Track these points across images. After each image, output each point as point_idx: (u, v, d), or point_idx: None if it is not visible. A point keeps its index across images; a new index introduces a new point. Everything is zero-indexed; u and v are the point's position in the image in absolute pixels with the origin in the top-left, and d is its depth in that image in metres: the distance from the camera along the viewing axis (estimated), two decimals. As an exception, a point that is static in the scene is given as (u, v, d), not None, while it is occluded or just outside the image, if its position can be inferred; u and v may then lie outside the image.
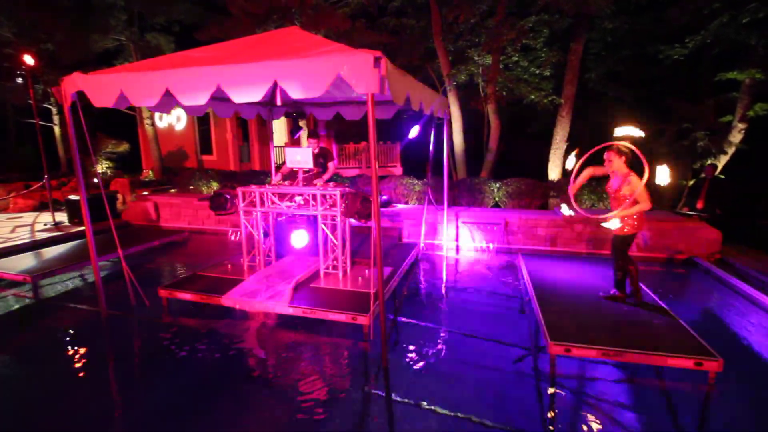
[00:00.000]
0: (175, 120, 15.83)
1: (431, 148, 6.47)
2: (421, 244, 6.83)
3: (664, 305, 3.98)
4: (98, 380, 3.36)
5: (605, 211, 6.65)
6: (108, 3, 13.40)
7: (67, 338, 4.03)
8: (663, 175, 4.06)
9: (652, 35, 10.81)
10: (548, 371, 3.31)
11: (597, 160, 4.07)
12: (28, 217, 9.59)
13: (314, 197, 4.50)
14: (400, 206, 8.13)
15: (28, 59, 8.42)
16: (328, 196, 4.49)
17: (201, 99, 3.29)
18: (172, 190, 11.80)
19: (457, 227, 7.10)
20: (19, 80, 14.82)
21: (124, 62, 14.15)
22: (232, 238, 7.73)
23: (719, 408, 3.00)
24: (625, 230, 3.88)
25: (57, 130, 16.71)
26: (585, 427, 2.76)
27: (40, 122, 9.87)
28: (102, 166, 14.87)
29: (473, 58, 11.17)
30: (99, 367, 3.54)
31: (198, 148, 15.83)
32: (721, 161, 9.59)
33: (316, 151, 5.33)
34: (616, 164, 3.79)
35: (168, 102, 4.74)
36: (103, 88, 3.60)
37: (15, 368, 3.58)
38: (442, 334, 4.07)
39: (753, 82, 9.07)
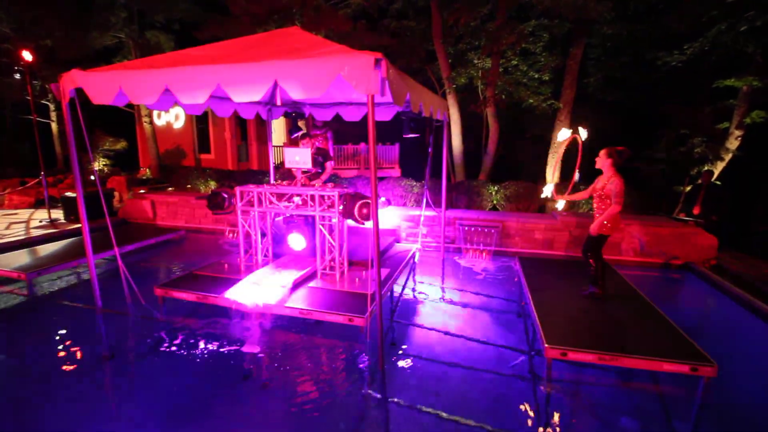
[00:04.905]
0: (174, 118, 15.79)
1: (430, 150, 6.48)
2: (419, 246, 6.83)
3: (660, 310, 3.99)
4: (93, 379, 3.34)
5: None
6: (108, 0, 13.37)
7: (62, 336, 4.00)
8: (548, 191, 4.40)
9: (651, 41, 10.88)
10: (545, 374, 3.31)
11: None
12: (24, 213, 9.53)
13: (312, 198, 4.49)
14: (398, 208, 8.12)
15: (27, 55, 8.37)
16: (326, 197, 4.48)
17: (200, 98, 3.27)
18: (170, 189, 11.76)
19: (455, 229, 7.10)
20: (17, 76, 14.76)
21: (124, 60, 14.12)
22: (230, 237, 7.71)
23: (713, 413, 3.01)
24: (603, 229, 4.07)
25: (54, 126, 16.64)
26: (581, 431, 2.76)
27: (38, 119, 9.83)
28: (99, 164, 14.82)
29: (473, 61, 11.23)
30: (93, 366, 3.51)
31: (196, 146, 15.79)
32: (718, 168, 9.65)
33: (314, 151, 5.33)
34: (603, 163, 4.03)
35: (167, 100, 4.74)
36: (101, 85, 3.58)
37: (9, 366, 3.55)
38: (438, 337, 4.07)
39: (750, 89, 9.14)
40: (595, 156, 4.12)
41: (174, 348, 3.76)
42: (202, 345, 3.78)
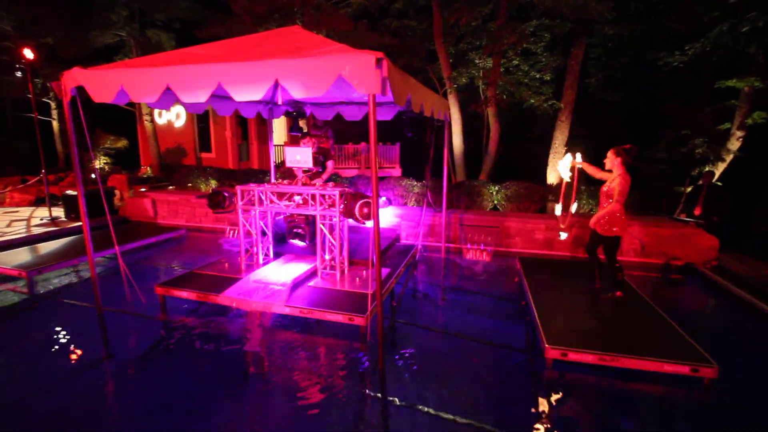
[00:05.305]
0: (174, 117, 15.79)
1: (431, 150, 6.48)
2: (419, 246, 6.83)
3: (660, 311, 3.99)
4: (92, 377, 3.34)
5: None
6: (109, -1, 13.39)
7: (62, 334, 4.01)
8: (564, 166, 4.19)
9: (652, 42, 10.88)
10: (545, 375, 3.31)
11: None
12: (25, 211, 9.54)
13: (313, 197, 4.49)
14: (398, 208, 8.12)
15: (28, 53, 8.37)
16: (327, 196, 4.48)
17: (202, 96, 3.27)
18: (170, 187, 11.77)
19: (456, 229, 7.10)
20: (18, 74, 14.78)
21: (125, 58, 14.12)
22: (231, 236, 7.71)
23: (714, 414, 3.01)
24: (615, 229, 4.05)
25: (55, 124, 16.65)
26: (580, 432, 2.76)
27: (39, 117, 9.82)
28: (100, 162, 14.82)
29: (474, 61, 11.22)
30: (93, 364, 3.51)
31: (197, 145, 15.79)
32: (719, 168, 9.63)
33: (315, 150, 5.32)
34: (612, 163, 4.04)
35: (168, 99, 4.73)
36: (103, 83, 3.58)
37: (8, 364, 3.56)
38: (439, 336, 4.06)
39: (752, 90, 9.12)
40: (602, 159, 4.13)
41: (174, 347, 3.76)
42: (201, 344, 3.78)
